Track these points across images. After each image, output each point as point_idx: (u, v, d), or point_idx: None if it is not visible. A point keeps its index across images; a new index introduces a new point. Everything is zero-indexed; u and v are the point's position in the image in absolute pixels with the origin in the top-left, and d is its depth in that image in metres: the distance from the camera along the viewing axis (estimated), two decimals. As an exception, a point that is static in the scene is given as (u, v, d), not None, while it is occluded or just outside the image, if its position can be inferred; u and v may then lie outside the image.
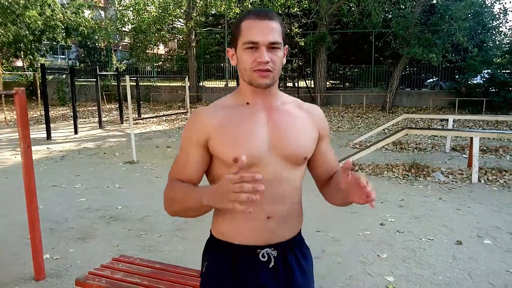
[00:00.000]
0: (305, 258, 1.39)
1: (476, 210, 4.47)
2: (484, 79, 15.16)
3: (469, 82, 15.17)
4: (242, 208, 1.03)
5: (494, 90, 14.20)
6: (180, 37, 24.35)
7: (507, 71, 14.63)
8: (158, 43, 23.64)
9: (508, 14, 15.19)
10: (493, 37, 16.56)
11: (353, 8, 16.70)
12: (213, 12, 20.79)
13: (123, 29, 19.58)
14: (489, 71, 14.64)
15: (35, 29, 18.66)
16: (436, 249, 3.47)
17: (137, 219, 4.26)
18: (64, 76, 18.96)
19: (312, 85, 17.31)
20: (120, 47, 31.66)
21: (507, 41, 16.30)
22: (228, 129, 1.25)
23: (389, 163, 6.57)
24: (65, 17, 19.70)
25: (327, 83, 18.15)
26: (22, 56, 20.18)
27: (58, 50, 28.04)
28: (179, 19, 19.86)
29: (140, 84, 16.08)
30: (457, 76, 16.46)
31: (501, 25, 16.14)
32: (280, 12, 16.83)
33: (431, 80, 18.65)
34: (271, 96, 1.31)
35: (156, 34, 19.27)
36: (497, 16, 15.44)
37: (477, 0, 14.58)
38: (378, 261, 3.26)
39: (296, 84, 16.83)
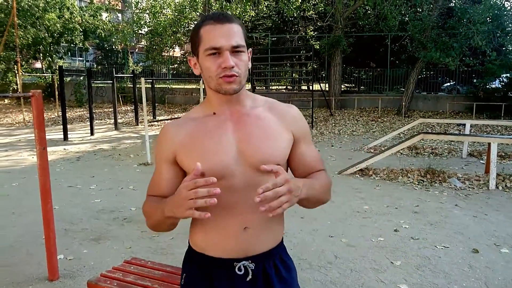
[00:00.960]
0: (288, 270, 1.33)
1: (494, 218, 4.37)
2: (503, 83, 14.86)
3: (487, 86, 14.89)
4: (200, 215, 1.02)
5: (513, 94, 13.93)
6: (196, 39, 24.48)
7: (527, 75, 14.33)
8: (174, 45, 23.82)
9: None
10: (513, 40, 16.22)
11: (369, 11, 16.57)
12: (228, 15, 20.84)
13: (140, 31, 19.82)
14: (508, 75, 14.35)
15: (54, 31, 19.02)
16: (452, 257, 3.40)
17: (150, 221, 4.28)
18: (81, 78, 19.26)
19: (327, 88, 17.23)
20: (136, 50, 32.00)
21: (527, 45, 15.95)
22: (193, 143, 1.22)
23: (404, 168, 6.48)
24: (83, 20, 20.04)
25: (342, 86, 18.04)
26: (41, 58, 20.58)
27: (76, 52, 28.49)
28: (195, 22, 20.00)
29: (155, 86, 16.23)
30: (475, 80, 16.17)
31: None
32: (295, 15, 16.80)
33: (448, 84, 18.37)
34: (239, 102, 1.26)
35: (172, 37, 19.45)
36: (517, 19, 15.14)
37: (496, 3, 14.33)
38: (392, 268, 3.21)
39: (311, 87, 16.77)
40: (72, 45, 21.00)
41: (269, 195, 1.04)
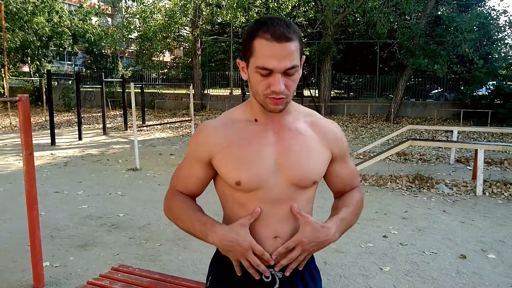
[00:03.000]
0: (314, 281, 1.33)
1: (481, 223, 4.42)
2: (490, 91, 15.11)
3: (474, 94, 15.13)
4: (238, 271, 1.22)
5: (499, 102, 14.15)
6: (186, 45, 24.53)
7: (513, 83, 14.58)
8: (164, 50, 23.81)
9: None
10: (499, 49, 16.53)
11: (358, 19, 16.75)
12: (219, 21, 20.92)
13: (130, 36, 19.75)
14: (495, 82, 14.60)
15: (42, 35, 18.87)
16: (440, 263, 3.42)
17: (138, 227, 4.24)
18: (70, 82, 19.09)
19: (317, 95, 17.32)
20: (126, 54, 31.89)
21: (513, 53, 16.29)
22: (232, 149, 1.19)
23: (393, 174, 6.53)
24: (73, 24, 19.92)
25: (332, 92, 18.16)
26: (29, 61, 20.37)
27: (65, 56, 28.29)
28: (185, 27, 20.00)
29: (145, 91, 16.16)
30: (462, 88, 16.41)
31: (506, 37, 16.14)
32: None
33: (436, 91, 18.61)
34: (282, 113, 1.21)
35: (162, 42, 19.41)
36: (502, 28, 15.45)
37: (482, 12, 14.60)
38: (381, 274, 3.22)
39: (301, 93, 16.88)
40: (61, 49, 20.85)
41: (283, 262, 1.20)
